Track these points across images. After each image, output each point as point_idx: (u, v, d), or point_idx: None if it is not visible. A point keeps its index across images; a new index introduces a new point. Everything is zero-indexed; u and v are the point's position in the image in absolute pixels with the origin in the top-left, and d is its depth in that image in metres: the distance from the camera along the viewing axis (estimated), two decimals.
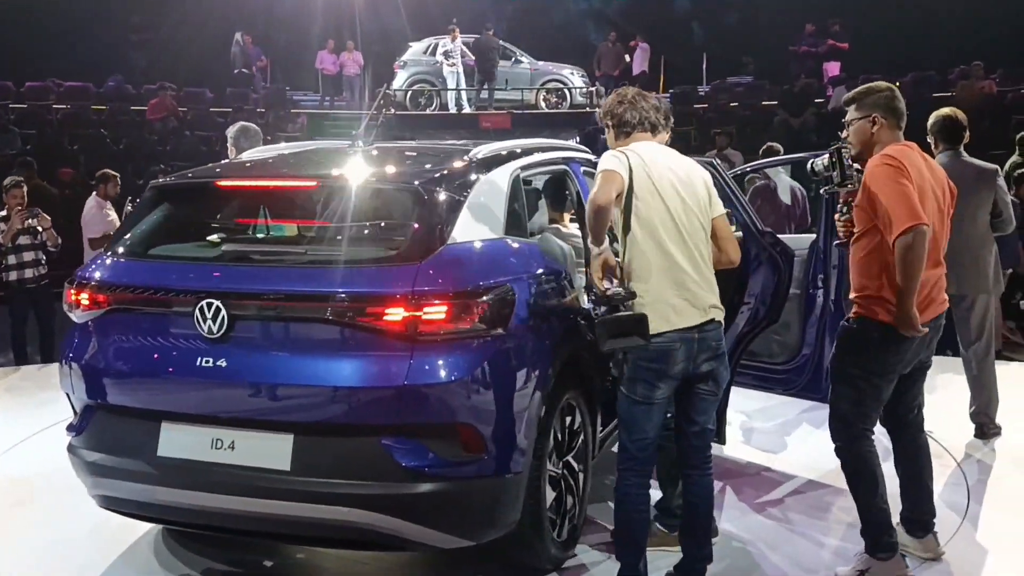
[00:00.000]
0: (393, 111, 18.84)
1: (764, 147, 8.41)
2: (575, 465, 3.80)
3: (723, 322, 3.35)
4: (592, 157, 4.90)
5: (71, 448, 3.43)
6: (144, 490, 3.24)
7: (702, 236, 3.29)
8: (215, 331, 3.09)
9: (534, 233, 4.51)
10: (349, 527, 3.05)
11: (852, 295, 3.57)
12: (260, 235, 3.49)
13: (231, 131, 5.39)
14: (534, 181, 4.63)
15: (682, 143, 16.60)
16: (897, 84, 14.69)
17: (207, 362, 3.10)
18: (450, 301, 3.05)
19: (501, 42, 19.91)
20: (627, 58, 20.92)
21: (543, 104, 19.98)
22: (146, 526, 3.90)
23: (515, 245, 3.55)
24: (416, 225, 3.21)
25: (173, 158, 13.32)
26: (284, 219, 3.62)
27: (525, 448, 3.28)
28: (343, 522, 3.04)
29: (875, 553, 3.57)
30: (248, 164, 3.78)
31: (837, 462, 3.61)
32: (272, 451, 3.08)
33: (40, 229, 7.33)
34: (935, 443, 5.18)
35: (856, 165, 3.59)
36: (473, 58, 18.95)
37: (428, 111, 19.54)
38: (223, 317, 3.07)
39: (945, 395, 5.74)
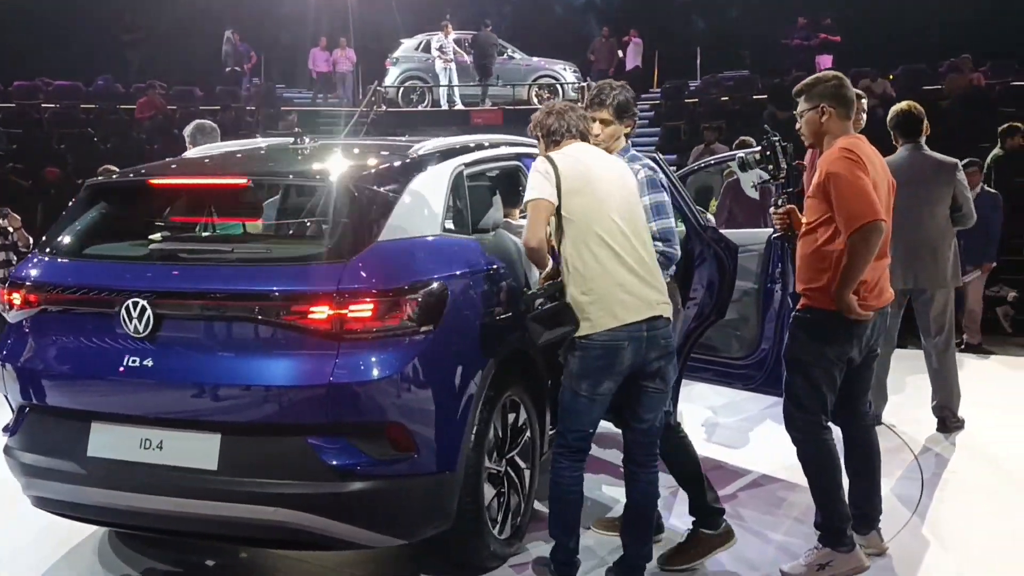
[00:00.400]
0: (384, 108, 18.86)
1: (737, 141, 8.38)
2: (520, 462, 3.80)
3: (671, 319, 3.36)
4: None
5: (7, 449, 3.42)
6: (75, 491, 3.23)
7: (645, 232, 3.34)
8: (141, 331, 3.08)
9: (488, 229, 4.49)
10: (277, 527, 3.04)
11: (801, 287, 3.57)
12: (191, 234, 3.47)
13: (188, 129, 5.37)
14: (487, 177, 4.61)
15: (672, 138, 16.66)
16: (891, 77, 14.55)
17: (134, 362, 3.10)
18: (376, 299, 3.03)
19: (501, 41, 19.92)
20: (620, 53, 20.90)
21: (535, 100, 19.88)
22: (92, 528, 3.88)
23: (452, 242, 3.53)
24: (346, 222, 3.19)
25: (161, 157, 13.26)
26: (215, 217, 3.60)
27: (459, 446, 3.27)
28: (271, 522, 3.03)
29: (837, 545, 3.56)
30: (182, 162, 3.76)
31: (795, 457, 3.61)
32: (199, 451, 3.07)
33: (11, 229, 7.33)
34: (895, 436, 5.18)
35: (797, 162, 3.59)
36: (465, 55, 18.90)
37: (420, 107, 19.49)
38: (148, 316, 3.06)
39: (909, 389, 5.71)
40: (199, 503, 3.06)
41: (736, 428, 5.47)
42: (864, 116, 5.85)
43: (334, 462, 3.01)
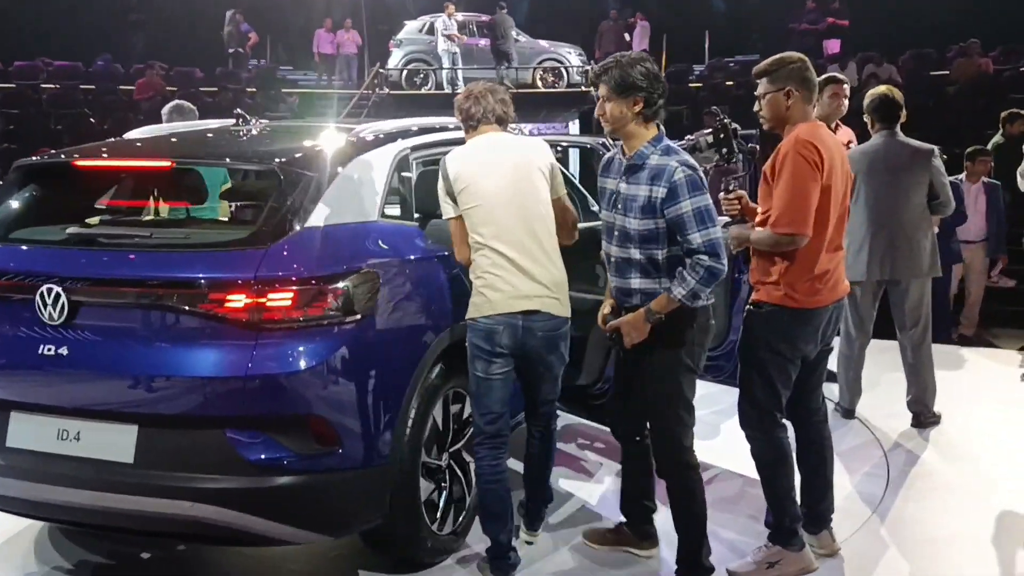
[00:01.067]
0: (387, 90, 18.71)
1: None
2: (466, 456, 3.69)
3: (559, 315, 3.37)
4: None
5: None
6: None
7: (541, 225, 3.32)
8: (56, 318, 2.98)
9: (440, 215, 4.38)
10: (194, 522, 2.94)
11: (755, 279, 3.45)
12: (114, 218, 3.36)
13: (165, 109, 5.31)
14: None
15: (673, 123, 16.44)
16: (898, 63, 14.33)
17: (50, 350, 3.00)
18: (297, 287, 2.92)
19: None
20: (627, 36, 20.66)
21: (540, 83, 19.74)
22: (28, 521, 3.81)
23: (389, 228, 3.42)
24: (271, 207, 3.08)
25: None
26: (140, 200, 3.49)
27: (390, 440, 3.17)
28: (187, 517, 2.93)
29: (787, 545, 3.45)
30: (112, 144, 3.66)
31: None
32: (116, 443, 2.97)
33: None
34: (867, 431, 5.05)
35: (751, 145, 3.47)
36: (465, 37, 18.71)
37: (423, 90, 19.33)
38: (63, 303, 2.96)
39: (886, 383, 5.56)
40: (115, 496, 2.96)
41: (707, 422, 5.33)
42: (845, 103, 5.72)
43: (253, 456, 2.92)
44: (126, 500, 2.95)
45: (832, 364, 5.50)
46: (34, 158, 3.64)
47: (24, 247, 3.21)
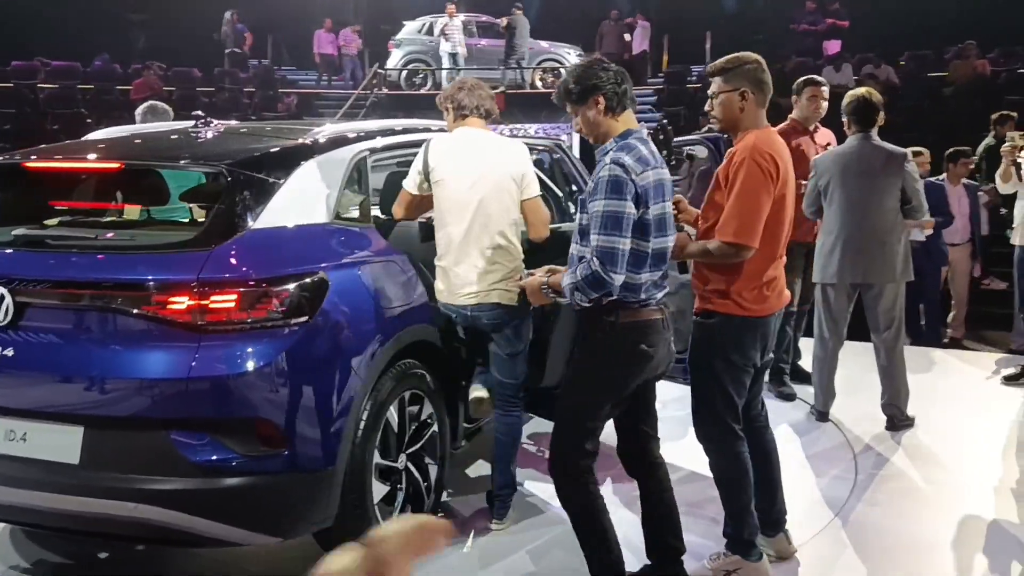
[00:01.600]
0: (385, 91, 18.73)
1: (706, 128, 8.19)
2: (424, 457, 3.69)
3: (508, 304, 3.59)
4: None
5: None
6: None
7: (500, 222, 3.54)
8: (2, 320, 2.99)
9: (412, 218, 4.37)
10: (141, 524, 2.95)
11: (699, 288, 3.36)
12: (63, 219, 3.37)
13: (139, 110, 5.32)
14: (403, 163, 4.49)
15: (672, 123, 16.42)
16: (900, 63, 14.26)
17: None
18: (240, 289, 2.92)
19: (500, 20, 19.73)
20: (628, 37, 20.63)
21: (539, 83, 19.73)
22: None
23: (341, 230, 3.42)
24: (218, 208, 3.09)
25: None
26: (89, 202, 3.50)
27: (338, 442, 3.16)
28: (133, 519, 2.93)
29: (746, 555, 3.42)
30: (65, 146, 3.67)
31: None
32: (62, 444, 2.97)
33: None
34: (839, 434, 5.03)
35: (688, 150, 3.45)
36: (464, 39, 18.73)
37: (422, 91, 19.32)
38: (7, 305, 2.97)
39: (864, 385, 5.54)
40: (62, 498, 2.96)
41: (680, 421, 5.32)
42: (824, 104, 5.70)
43: (197, 458, 2.91)
44: (72, 501, 2.95)
45: (808, 365, 5.54)
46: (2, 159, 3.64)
47: None
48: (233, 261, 2.95)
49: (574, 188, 5.01)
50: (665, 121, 3.82)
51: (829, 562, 3.59)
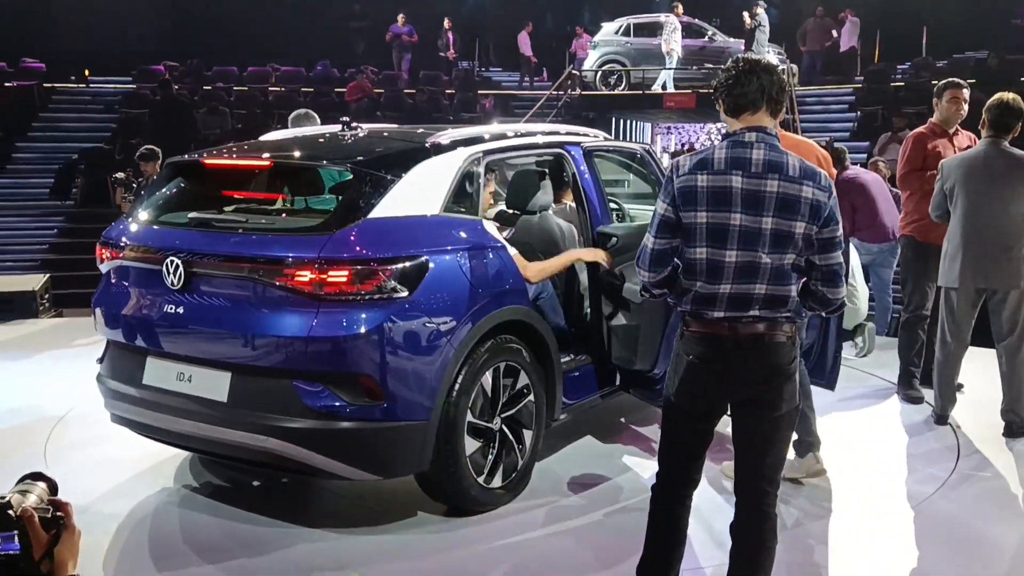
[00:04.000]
0: (579, 91, 19.29)
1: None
2: (522, 422, 4.19)
3: None
4: (599, 141, 5.17)
5: (98, 376, 4.27)
6: (134, 411, 4.02)
7: None
8: (176, 284, 3.78)
9: (534, 212, 4.89)
10: (267, 453, 3.65)
11: None
12: (227, 206, 4.14)
13: (292, 116, 6.16)
14: (521, 164, 5.01)
15: (868, 124, 15.88)
16: None
17: (171, 309, 3.81)
18: (351, 267, 3.55)
19: (696, 20, 19.83)
20: (834, 32, 20.07)
21: None
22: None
23: (447, 221, 3.98)
24: (341, 200, 3.74)
25: None
26: (247, 192, 4.27)
27: (431, 399, 3.72)
28: (262, 449, 3.64)
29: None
30: (233, 147, 4.47)
31: None
32: (215, 385, 3.73)
33: None
34: (952, 437, 5.05)
35: None
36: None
37: (617, 91, 19.72)
38: (180, 273, 3.76)
39: (988, 392, 5.48)
40: (212, 428, 3.73)
41: None
42: (965, 107, 5.68)
43: (313, 403, 3.58)
44: (219, 431, 3.71)
45: None
46: (185, 157, 4.50)
47: (161, 228, 4.05)
48: (349, 244, 3.59)
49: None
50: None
51: (881, 548, 3.76)
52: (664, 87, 19.02)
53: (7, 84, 17.03)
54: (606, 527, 3.98)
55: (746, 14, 18.79)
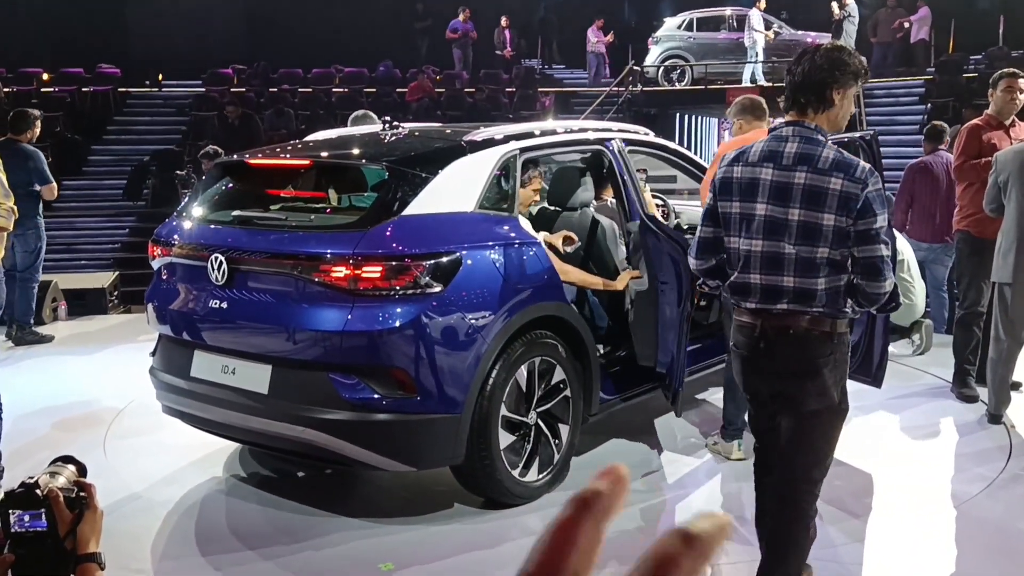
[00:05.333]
0: (640, 87, 19.17)
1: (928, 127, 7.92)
2: (558, 417, 4.24)
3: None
4: (640, 136, 5.18)
5: (151, 369, 4.45)
6: (183, 402, 4.18)
7: None
8: (220, 280, 3.92)
9: (575, 208, 4.93)
10: (305, 443, 3.77)
11: None
12: (270, 204, 4.26)
13: (352, 116, 6.29)
14: (563, 161, 5.04)
15: (938, 116, 15.44)
16: None
17: (215, 304, 3.96)
18: (385, 263, 3.64)
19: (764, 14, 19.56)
20: (905, 24, 19.59)
21: None
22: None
23: (481, 218, 4.04)
24: (376, 198, 3.83)
25: None
26: (290, 191, 4.39)
27: (464, 393, 3.78)
28: (301, 439, 3.76)
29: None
30: (274, 147, 4.61)
31: None
32: (257, 377, 3.86)
33: None
34: (1006, 436, 4.93)
35: None
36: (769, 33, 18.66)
37: (679, 86, 19.56)
38: (224, 269, 3.89)
39: None
40: (254, 419, 3.86)
41: None
42: (1022, 97, 5.53)
43: (348, 395, 3.68)
44: (260, 422, 3.84)
45: None
46: (234, 157, 4.65)
47: (207, 226, 4.20)
48: (383, 240, 3.68)
49: None
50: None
51: (919, 547, 3.70)
52: (753, 80, 18.77)
53: (84, 89, 17.68)
54: (641, 518, 4.00)
55: (835, 4, 18.46)
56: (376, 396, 3.68)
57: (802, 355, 2.85)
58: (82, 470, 1.84)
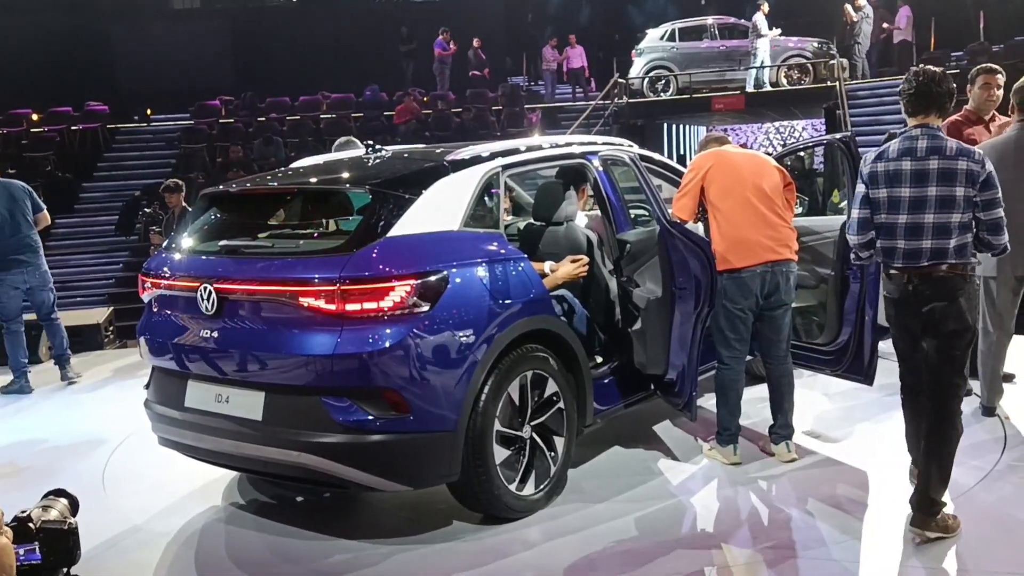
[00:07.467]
0: (626, 99, 19.29)
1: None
2: (552, 429, 4.26)
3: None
4: (618, 151, 5.20)
5: (145, 402, 4.47)
6: (179, 433, 4.19)
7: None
8: (210, 310, 3.94)
9: (560, 223, 4.96)
10: (302, 468, 3.78)
11: None
12: (256, 232, 4.28)
13: (335, 143, 6.35)
14: (545, 175, 5.09)
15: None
16: None
17: (206, 334, 3.98)
18: (372, 285, 3.67)
19: (742, 21, 19.70)
20: (884, 24, 19.74)
21: (784, 81, 19.35)
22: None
23: (466, 236, 4.07)
24: (360, 220, 3.87)
25: None
26: (276, 218, 4.43)
27: (457, 410, 3.80)
28: (296, 464, 3.77)
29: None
30: (259, 176, 4.65)
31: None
32: (251, 405, 3.88)
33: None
34: (1000, 429, 4.95)
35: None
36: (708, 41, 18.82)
37: (663, 96, 19.67)
38: (213, 299, 3.92)
39: None
40: (250, 446, 3.88)
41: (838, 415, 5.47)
42: (999, 93, 5.60)
43: (342, 418, 3.70)
44: (254, 448, 3.86)
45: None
46: (220, 187, 4.68)
47: (195, 256, 4.23)
48: (368, 263, 3.71)
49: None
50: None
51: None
52: (759, 85, 18.87)
53: (74, 128, 17.78)
54: (639, 530, 4.01)
55: (848, 7, 18.59)
56: (370, 417, 3.70)
57: (944, 290, 3.68)
58: (74, 503, 1.86)
